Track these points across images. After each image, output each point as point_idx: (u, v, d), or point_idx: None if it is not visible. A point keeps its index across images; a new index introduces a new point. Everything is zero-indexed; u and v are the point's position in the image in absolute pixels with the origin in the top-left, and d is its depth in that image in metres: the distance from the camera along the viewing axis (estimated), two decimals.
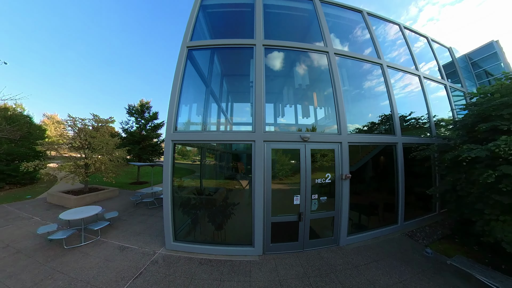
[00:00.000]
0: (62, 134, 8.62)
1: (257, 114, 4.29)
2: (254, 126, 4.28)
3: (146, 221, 6.02)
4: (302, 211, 4.34)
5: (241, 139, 4.36)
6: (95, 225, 4.66)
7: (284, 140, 4.39)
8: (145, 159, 12.89)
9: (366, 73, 6.51)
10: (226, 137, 4.51)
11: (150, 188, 8.32)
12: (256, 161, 4.12)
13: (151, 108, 13.35)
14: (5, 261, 4.01)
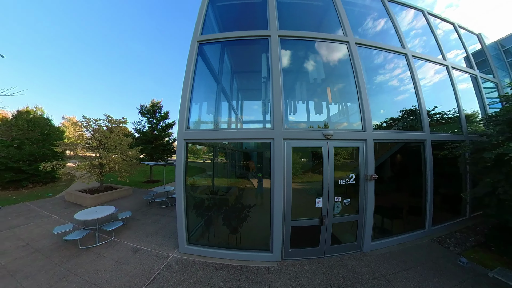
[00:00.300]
0: (80, 135, 8.75)
1: (275, 111, 3.95)
2: (272, 123, 3.95)
3: (159, 221, 5.89)
4: (324, 215, 3.98)
5: (258, 137, 4.03)
6: (109, 226, 4.56)
7: (305, 138, 4.02)
8: (157, 158, 12.97)
9: (385, 64, 5.96)
10: (242, 135, 4.21)
11: (162, 187, 8.25)
12: (276, 161, 3.79)
13: (162, 108, 13.42)
14: (23, 261, 4.00)
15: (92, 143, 8.67)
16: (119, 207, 7.13)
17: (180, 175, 3.87)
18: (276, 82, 4.11)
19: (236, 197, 4.34)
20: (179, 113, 4.05)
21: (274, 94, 4.04)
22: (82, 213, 4.73)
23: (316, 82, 6.07)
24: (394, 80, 5.97)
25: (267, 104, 5.17)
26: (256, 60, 5.52)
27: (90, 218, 4.38)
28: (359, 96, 4.51)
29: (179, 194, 3.93)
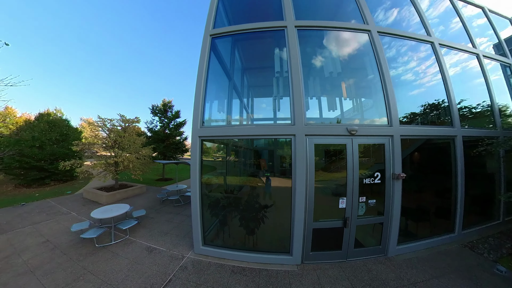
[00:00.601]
0: (96, 135, 8.89)
1: (295, 105, 3.66)
2: (293, 118, 3.66)
3: (173, 219, 5.79)
4: (348, 216, 3.66)
5: (278, 134, 3.75)
6: (124, 224, 4.50)
7: (328, 134, 3.70)
8: (169, 156, 13.05)
9: (406, 54, 5.45)
10: (261, 131, 3.84)
11: (175, 185, 8.21)
12: (298, 159, 3.50)
13: (173, 107, 13.46)
14: (43, 257, 4.01)
15: (108, 143, 8.78)
16: (133, 205, 7.15)
17: (196, 174, 3.69)
18: (296, 74, 3.82)
19: (252, 196, 4.11)
20: (193, 110, 3.86)
21: (294, 87, 3.75)
22: (98, 211, 4.70)
23: (331, 76, 5.69)
24: (416, 71, 5.47)
25: (278, 101, 4.92)
26: (268, 54, 5.25)
27: (105, 216, 4.32)
28: (384, 88, 4.12)
29: (194, 194, 3.75)
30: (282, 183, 3.98)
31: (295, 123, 3.59)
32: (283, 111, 5.20)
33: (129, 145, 9.01)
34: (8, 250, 4.37)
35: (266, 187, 4.06)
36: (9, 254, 4.21)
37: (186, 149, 14.43)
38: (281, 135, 3.72)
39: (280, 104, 4.93)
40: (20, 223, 5.80)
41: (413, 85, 5.48)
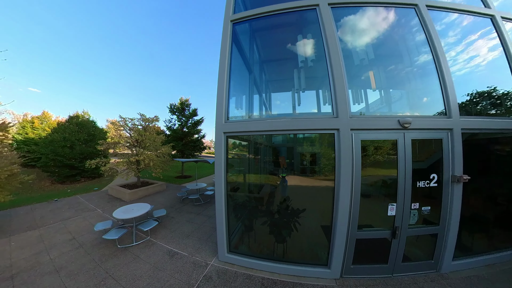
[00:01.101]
0: (121, 135, 9.02)
1: (338, 95, 3.04)
2: (335, 110, 3.05)
3: (194, 220, 5.50)
4: (398, 225, 3.00)
5: (318, 128, 3.11)
6: (145, 225, 4.26)
7: (376, 128, 3.03)
8: (188, 154, 13.02)
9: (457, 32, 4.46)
10: (297, 125, 3.20)
11: (195, 183, 7.98)
12: (342, 158, 2.90)
13: (190, 105, 13.35)
14: (69, 256, 3.91)
15: (130, 142, 8.86)
16: (154, 203, 7.07)
17: (221, 175, 3.26)
18: (336, 59, 3.19)
19: (284, 200, 3.55)
20: (216, 103, 3.42)
21: (334, 74, 3.14)
22: (120, 210, 4.53)
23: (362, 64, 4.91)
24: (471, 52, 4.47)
25: (299, 95, 4.33)
26: (289, 44, 4.64)
27: (127, 216, 4.11)
28: (439, 71, 3.33)
29: (219, 196, 3.33)
30: (304, 183, 3.44)
31: (338, 115, 2.98)
32: (305, 106, 4.59)
33: (149, 144, 9.02)
34: (39, 247, 4.36)
35: (282, 189, 3.52)
36: (39, 251, 4.19)
37: (204, 147, 14.31)
38: (321, 129, 3.10)
39: (301, 98, 4.38)
40: (52, 219, 5.91)
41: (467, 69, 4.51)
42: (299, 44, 4.45)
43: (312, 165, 3.56)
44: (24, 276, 3.41)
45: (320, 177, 3.44)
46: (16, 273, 3.51)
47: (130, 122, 8.53)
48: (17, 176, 5.52)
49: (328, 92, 4.78)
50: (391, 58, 4.65)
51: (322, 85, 4.94)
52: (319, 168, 3.43)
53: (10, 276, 3.47)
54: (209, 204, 7.00)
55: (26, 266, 3.69)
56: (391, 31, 4.22)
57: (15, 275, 3.47)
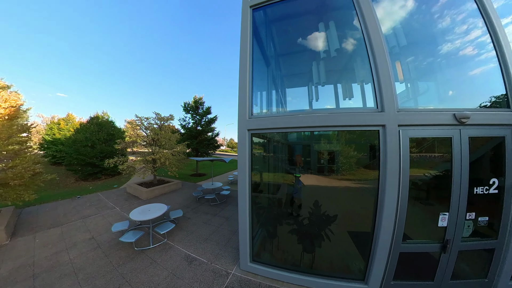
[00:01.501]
0: (138, 134, 9.10)
1: (383, 86, 2.51)
2: (380, 103, 2.52)
3: (211, 222, 5.23)
4: (449, 238, 2.42)
5: (359, 124, 2.60)
6: (162, 228, 4.04)
7: (428, 123, 2.44)
8: (202, 152, 12.91)
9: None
10: (334, 121, 2.70)
11: (211, 183, 7.75)
12: (388, 159, 2.40)
13: (204, 104, 13.20)
14: (87, 257, 3.81)
15: (147, 141, 8.92)
16: (170, 203, 6.96)
17: (245, 176, 2.87)
18: (378, 44, 2.64)
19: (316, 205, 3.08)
20: (238, 99, 3.02)
21: (378, 63, 2.59)
22: (136, 211, 4.36)
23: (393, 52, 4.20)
24: None
25: (316, 89, 3.80)
26: (310, 33, 4.13)
27: (143, 218, 3.92)
28: (499, 55, 2.62)
29: (242, 200, 2.96)
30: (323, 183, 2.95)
31: (384, 109, 2.45)
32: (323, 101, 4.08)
33: (165, 142, 8.99)
34: (60, 245, 4.34)
35: (295, 192, 3.06)
36: (60, 250, 4.16)
37: (218, 145, 14.16)
38: (362, 126, 2.56)
39: (319, 92, 3.90)
40: (73, 216, 5.99)
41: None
42: (321, 34, 3.92)
43: (335, 164, 3.07)
44: (44, 277, 3.34)
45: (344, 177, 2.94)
46: (38, 273, 3.46)
47: (146, 121, 8.52)
48: (41, 175, 5.62)
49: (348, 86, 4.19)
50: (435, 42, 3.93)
51: (342, 78, 4.34)
52: (346, 167, 2.94)
53: (32, 275, 3.42)
54: (225, 204, 6.74)
55: (47, 266, 3.64)
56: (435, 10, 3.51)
57: (36, 275, 3.41)
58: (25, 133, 5.47)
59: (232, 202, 7.04)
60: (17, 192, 4.86)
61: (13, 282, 3.28)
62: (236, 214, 5.74)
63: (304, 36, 5.06)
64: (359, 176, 2.89)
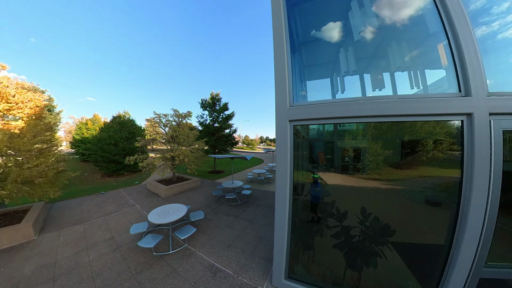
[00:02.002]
0: (157, 132, 9.07)
1: (469, 64, 1.74)
2: (463, 87, 1.77)
3: (233, 224, 4.77)
4: None
5: (436, 113, 1.83)
6: (182, 232, 3.66)
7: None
8: (220, 149, 12.61)
9: None
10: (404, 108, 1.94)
11: (231, 181, 7.34)
12: (476, 157, 1.69)
13: (221, 100, 12.85)
14: (105, 260, 3.59)
15: (166, 138, 8.83)
16: (190, 202, 6.69)
17: (286, 177, 2.29)
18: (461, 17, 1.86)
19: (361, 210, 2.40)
20: (275, 85, 2.42)
21: (462, 38, 1.82)
22: (155, 213, 4.03)
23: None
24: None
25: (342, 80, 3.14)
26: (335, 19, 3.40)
27: (162, 221, 3.57)
28: None
29: (281, 205, 2.37)
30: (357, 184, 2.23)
31: (470, 93, 1.68)
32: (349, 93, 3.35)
33: (183, 139, 8.81)
34: (81, 244, 4.21)
35: (313, 196, 2.50)
36: (81, 250, 4.02)
37: (236, 141, 13.76)
38: (439, 115, 1.80)
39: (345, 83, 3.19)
40: (96, 213, 5.97)
41: None
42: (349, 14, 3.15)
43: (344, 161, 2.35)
44: (63, 281, 3.15)
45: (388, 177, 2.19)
46: (58, 275, 3.29)
47: (164, 118, 8.36)
48: (65, 173, 5.65)
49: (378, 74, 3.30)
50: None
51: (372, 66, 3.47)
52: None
53: (52, 278, 3.26)
54: (247, 205, 6.27)
55: (67, 267, 3.48)
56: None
57: (56, 278, 3.24)
58: (48, 132, 5.50)
59: (254, 202, 6.55)
60: (44, 189, 4.86)
61: (34, 284, 3.13)
62: (260, 218, 5.27)
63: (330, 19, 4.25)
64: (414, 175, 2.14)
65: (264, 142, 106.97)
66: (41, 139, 5.08)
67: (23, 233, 4.51)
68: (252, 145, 58.68)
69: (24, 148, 4.58)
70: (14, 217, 5.04)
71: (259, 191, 7.97)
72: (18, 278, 3.29)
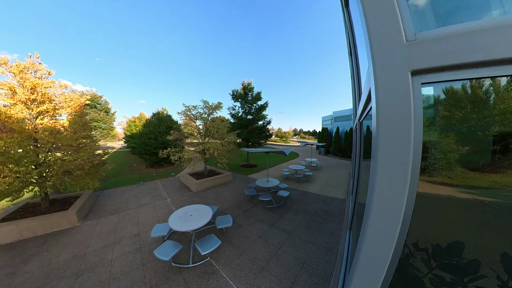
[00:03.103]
0: (188, 124, 9.09)
1: None
2: None
3: (268, 236, 3.89)
4: None
5: None
6: (205, 244, 2.98)
7: None
8: (253, 142, 11.89)
9: None
10: None
11: (265, 179, 6.53)
12: None
13: (254, 89, 12.02)
14: (125, 261, 3.35)
15: (197, 131, 8.72)
16: (219, 200, 6.19)
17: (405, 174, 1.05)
18: None
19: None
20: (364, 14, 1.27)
21: None
22: (177, 216, 3.51)
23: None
24: None
25: None
26: None
27: (184, 228, 3.00)
28: None
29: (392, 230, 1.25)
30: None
31: None
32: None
33: (214, 132, 8.49)
34: (110, 238, 4.17)
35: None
36: (108, 244, 3.95)
37: (270, 134, 12.82)
38: None
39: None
40: (132, 204, 6.13)
41: None
42: None
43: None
44: (84, 279, 2.98)
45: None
46: (82, 271, 3.19)
47: (194, 110, 8.11)
48: (102, 166, 6.05)
49: None
50: None
51: None
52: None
53: (76, 273, 3.15)
54: (284, 209, 5.31)
55: (92, 263, 3.38)
56: None
57: (80, 273, 3.12)
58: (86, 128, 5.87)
59: (292, 206, 5.54)
60: (85, 180, 5.15)
61: (60, 277, 3.07)
62: (300, 229, 4.17)
63: None
64: None
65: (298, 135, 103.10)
66: (81, 135, 5.40)
67: (68, 219, 4.82)
68: (286, 138, 56.68)
69: (65, 143, 4.90)
70: (67, 203, 5.52)
71: (297, 192, 6.90)
72: (52, 266, 3.36)
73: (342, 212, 5.15)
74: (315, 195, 6.59)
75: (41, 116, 5.11)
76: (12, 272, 3.28)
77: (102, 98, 24.73)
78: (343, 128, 18.35)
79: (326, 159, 16.06)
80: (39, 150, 4.71)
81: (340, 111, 20.63)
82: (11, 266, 3.44)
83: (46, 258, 3.61)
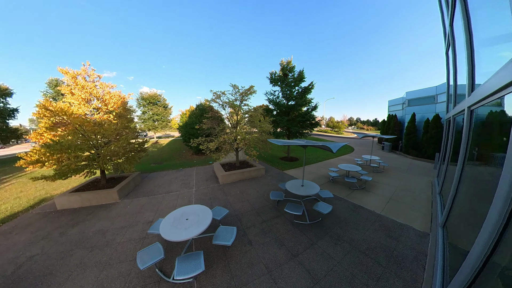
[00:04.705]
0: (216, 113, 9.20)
1: None
2: None
3: (280, 274, 2.81)
4: None
5: None
6: (183, 264, 2.48)
7: None
8: (295, 132, 10.57)
9: None
10: None
11: (300, 181, 5.17)
12: None
13: (294, 68, 10.49)
14: (125, 249, 3.56)
15: (229, 119, 8.59)
16: (239, 199, 5.63)
17: None
18: None
19: None
20: None
21: None
22: (171, 218, 3.19)
23: None
24: None
25: None
26: None
27: (170, 238, 2.64)
28: None
29: None
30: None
31: None
32: None
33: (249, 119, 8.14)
34: (130, 220, 4.59)
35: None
36: (126, 226, 4.34)
37: (315, 122, 11.10)
38: None
39: None
40: (162, 189, 6.69)
41: None
42: None
43: None
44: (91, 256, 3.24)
45: None
46: (95, 247, 3.57)
47: (223, 96, 7.82)
48: (137, 154, 7.14)
49: None
50: None
51: None
52: None
53: (92, 247, 3.59)
54: (320, 231, 3.90)
55: (104, 242, 3.78)
56: None
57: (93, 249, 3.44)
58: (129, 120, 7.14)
59: (333, 227, 4.03)
60: (124, 165, 6.10)
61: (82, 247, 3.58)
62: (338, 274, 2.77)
63: None
64: None
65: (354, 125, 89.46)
66: (121, 127, 6.46)
67: (112, 196, 5.74)
68: (339, 128, 49.77)
69: (108, 134, 5.88)
70: (118, 182, 6.60)
71: (345, 205, 5.10)
72: (84, 235, 3.99)
73: (419, 259, 3.09)
74: (374, 214, 4.60)
75: (97, 112, 6.51)
76: (63, 232, 4.15)
77: (162, 96, 31.58)
78: (422, 115, 13.83)
79: (393, 157, 12.66)
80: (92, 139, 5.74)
81: (416, 90, 15.39)
82: (65, 226, 4.35)
83: (85, 226, 4.34)
